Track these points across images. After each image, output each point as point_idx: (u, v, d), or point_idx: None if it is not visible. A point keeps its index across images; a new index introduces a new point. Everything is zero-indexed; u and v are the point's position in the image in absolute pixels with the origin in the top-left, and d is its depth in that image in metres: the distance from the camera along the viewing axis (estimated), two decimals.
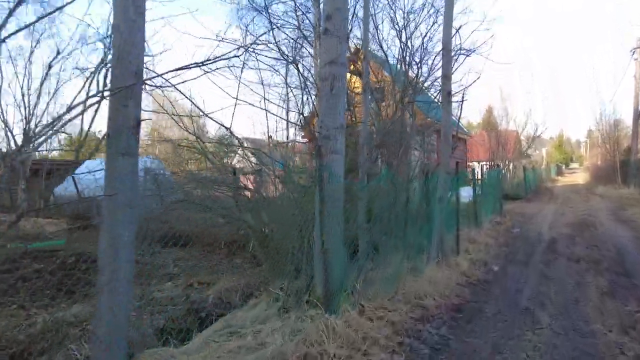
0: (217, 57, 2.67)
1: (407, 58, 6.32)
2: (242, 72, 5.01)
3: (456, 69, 6.56)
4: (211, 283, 5.84)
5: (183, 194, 5.21)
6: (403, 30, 6.71)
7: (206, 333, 3.68)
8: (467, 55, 6.14)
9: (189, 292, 5.65)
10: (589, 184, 26.77)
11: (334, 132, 3.45)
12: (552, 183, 31.48)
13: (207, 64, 2.74)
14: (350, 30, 6.59)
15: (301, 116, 5.18)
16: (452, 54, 5.60)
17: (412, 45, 6.84)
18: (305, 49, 6.52)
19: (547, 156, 61.10)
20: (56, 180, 14.61)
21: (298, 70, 5.09)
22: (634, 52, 21.13)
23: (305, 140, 10.19)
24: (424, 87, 6.69)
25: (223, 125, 4.20)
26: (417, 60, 6.54)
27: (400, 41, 6.29)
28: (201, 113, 3.88)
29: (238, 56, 3.81)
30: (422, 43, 6.65)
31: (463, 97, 6.30)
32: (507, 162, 22.90)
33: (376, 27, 6.30)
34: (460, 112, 6.61)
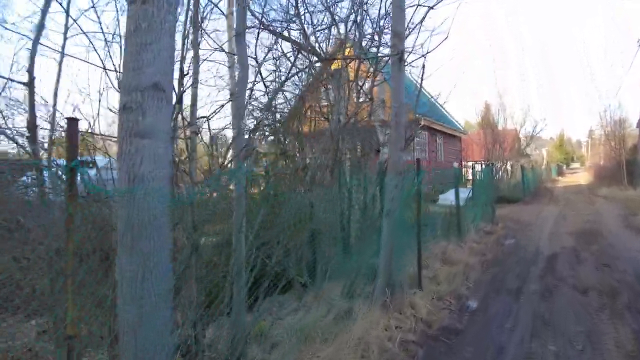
0: None
1: (358, 17, 4.70)
2: None
3: (415, 26, 4.94)
4: None
5: None
6: None
7: None
8: (431, 8, 4.54)
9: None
10: (592, 184, 25.14)
11: (139, 98, 1.85)
12: (552, 183, 29.85)
13: None
14: None
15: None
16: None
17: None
18: None
19: (548, 156, 59.48)
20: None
21: None
22: None
23: None
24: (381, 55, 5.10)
25: None
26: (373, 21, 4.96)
27: None
28: None
29: None
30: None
31: (424, 66, 4.69)
32: (504, 162, 21.24)
33: None
34: (421, 83, 4.97)
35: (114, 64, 3.03)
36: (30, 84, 3.07)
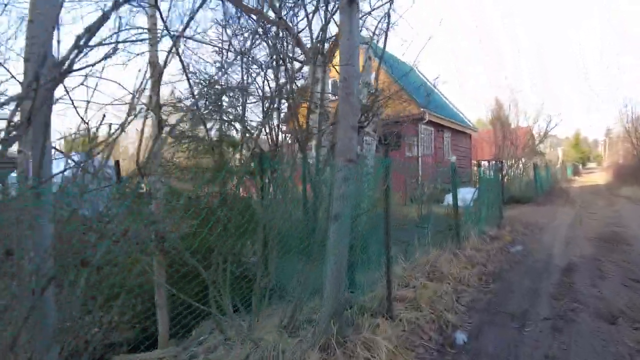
0: None
1: None
2: None
3: None
4: None
5: None
6: None
7: None
8: None
9: None
10: (611, 184, 23.59)
11: None
12: (567, 183, 28.28)
13: None
14: None
15: None
16: None
17: None
18: None
19: (564, 155, 57.43)
20: None
21: None
22: None
23: None
24: None
25: None
26: None
27: None
28: None
29: None
30: None
31: (389, 14, 3.60)
32: (515, 160, 19.87)
33: None
34: (386, 37, 3.91)
35: None
36: None
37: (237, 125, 4.01)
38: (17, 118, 1.68)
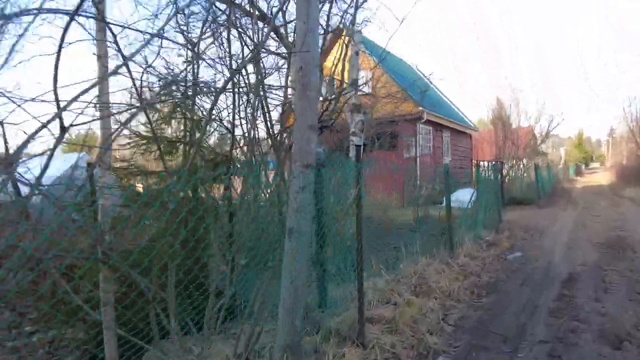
0: None
1: None
2: None
3: None
4: None
5: None
6: None
7: None
8: None
9: None
10: (614, 185, 23.10)
11: None
12: (570, 184, 27.80)
13: None
14: None
15: None
16: None
17: None
18: None
19: (566, 155, 56.84)
20: None
21: None
22: None
23: None
24: None
25: None
26: None
27: None
28: None
29: None
30: None
31: None
32: (516, 161, 19.39)
33: None
34: (353, 24, 3.45)
35: None
36: None
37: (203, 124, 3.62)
38: None
